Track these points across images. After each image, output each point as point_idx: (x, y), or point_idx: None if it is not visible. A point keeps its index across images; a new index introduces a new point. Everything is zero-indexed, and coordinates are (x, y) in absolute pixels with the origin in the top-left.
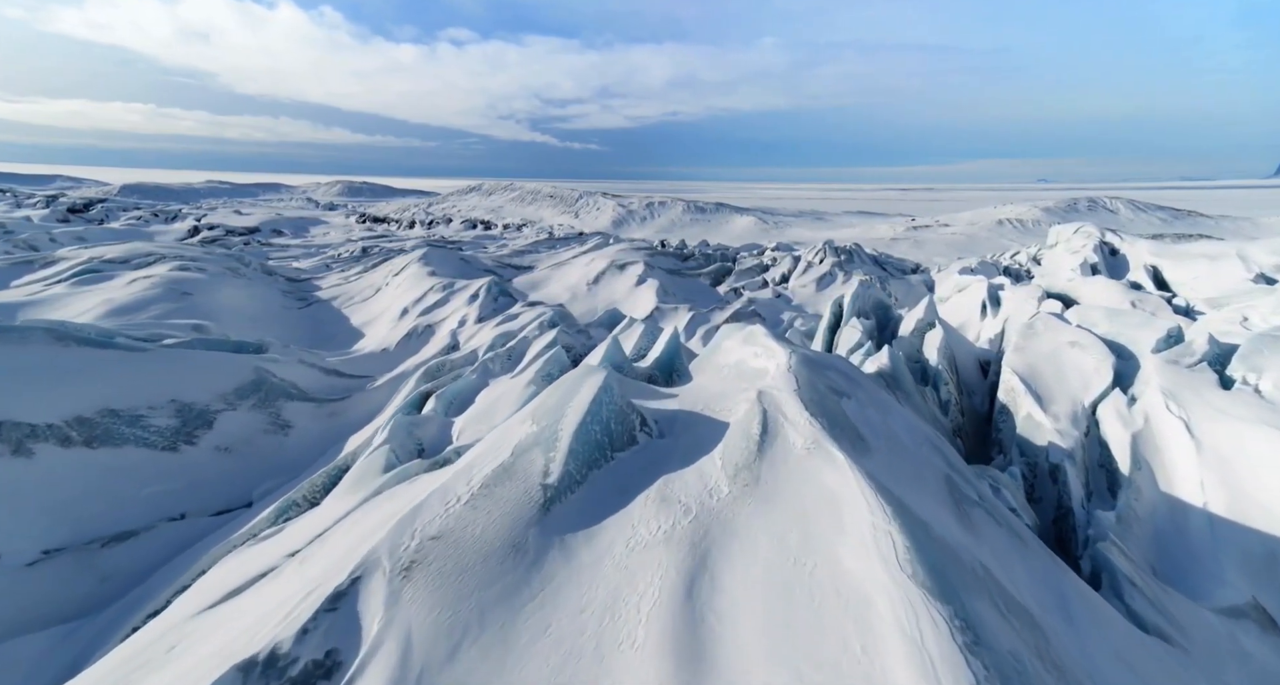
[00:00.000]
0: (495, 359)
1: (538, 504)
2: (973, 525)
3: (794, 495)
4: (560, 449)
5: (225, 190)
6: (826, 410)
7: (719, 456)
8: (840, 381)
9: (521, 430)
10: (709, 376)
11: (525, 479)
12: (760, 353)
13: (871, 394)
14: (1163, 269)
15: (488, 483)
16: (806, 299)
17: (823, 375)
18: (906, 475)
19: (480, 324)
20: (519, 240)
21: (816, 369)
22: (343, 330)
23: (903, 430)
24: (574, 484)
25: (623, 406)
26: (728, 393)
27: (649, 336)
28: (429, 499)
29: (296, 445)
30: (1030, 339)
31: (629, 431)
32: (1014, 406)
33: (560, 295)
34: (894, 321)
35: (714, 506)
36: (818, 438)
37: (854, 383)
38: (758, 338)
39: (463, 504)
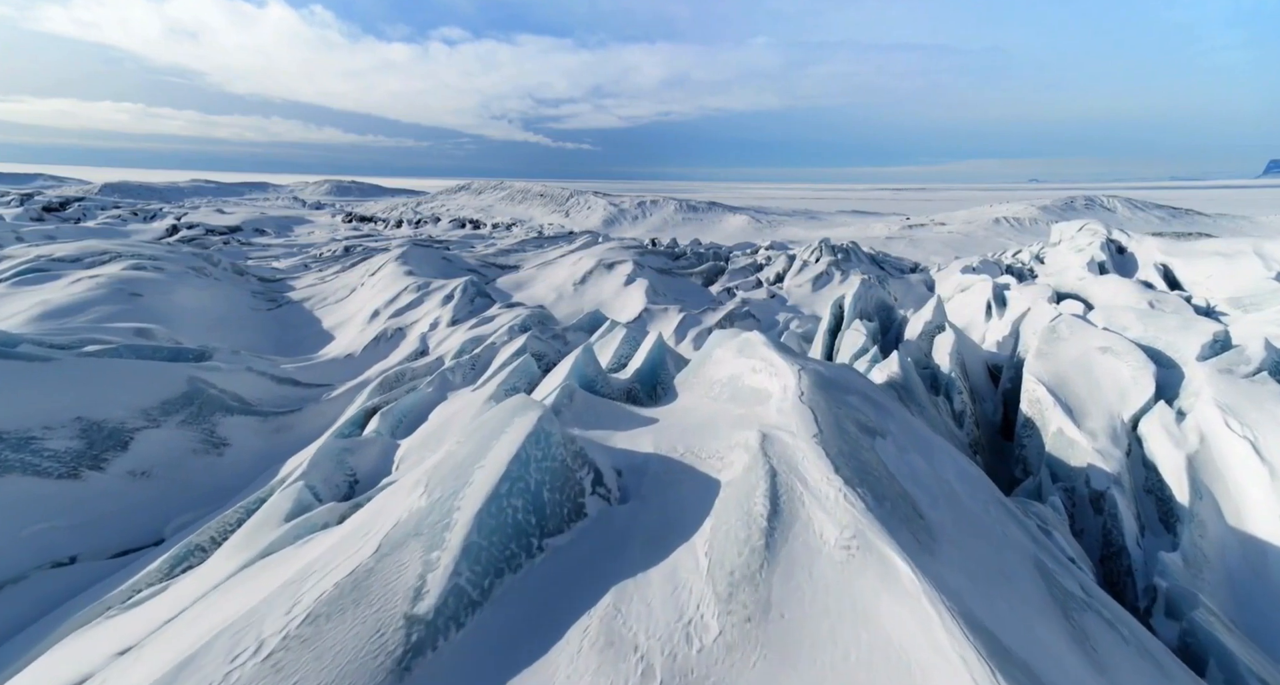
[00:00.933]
0: (457, 368)
1: (390, 662)
2: (1094, 652)
3: (829, 643)
4: (452, 544)
5: (210, 189)
6: (862, 467)
7: (704, 553)
8: (867, 411)
9: (403, 506)
10: (697, 394)
11: (383, 605)
12: (760, 368)
13: (906, 426)
14: (1174, 267)
15: (319, 613)
16: (802, 299)
17: (844, 404)
18: (988, 571)
19: (453, 327)
20: (507, 239)
21: (835, 394)
22: (312, 333)
23: (956, 480)
24: (464, 611)
25: (566, 459)
26: (718, 423)
27: (630, 343)
28: (211, 647)
29: (232, 467)
30: (1054, 344)
31: (573, 499)
32: (1041, 420)
33: (545, 296)
34: (897, 324)
35: (692, 664)
36: (861, 526)
37: (883, 411)
38: (755, 348)
39: (260, 662)
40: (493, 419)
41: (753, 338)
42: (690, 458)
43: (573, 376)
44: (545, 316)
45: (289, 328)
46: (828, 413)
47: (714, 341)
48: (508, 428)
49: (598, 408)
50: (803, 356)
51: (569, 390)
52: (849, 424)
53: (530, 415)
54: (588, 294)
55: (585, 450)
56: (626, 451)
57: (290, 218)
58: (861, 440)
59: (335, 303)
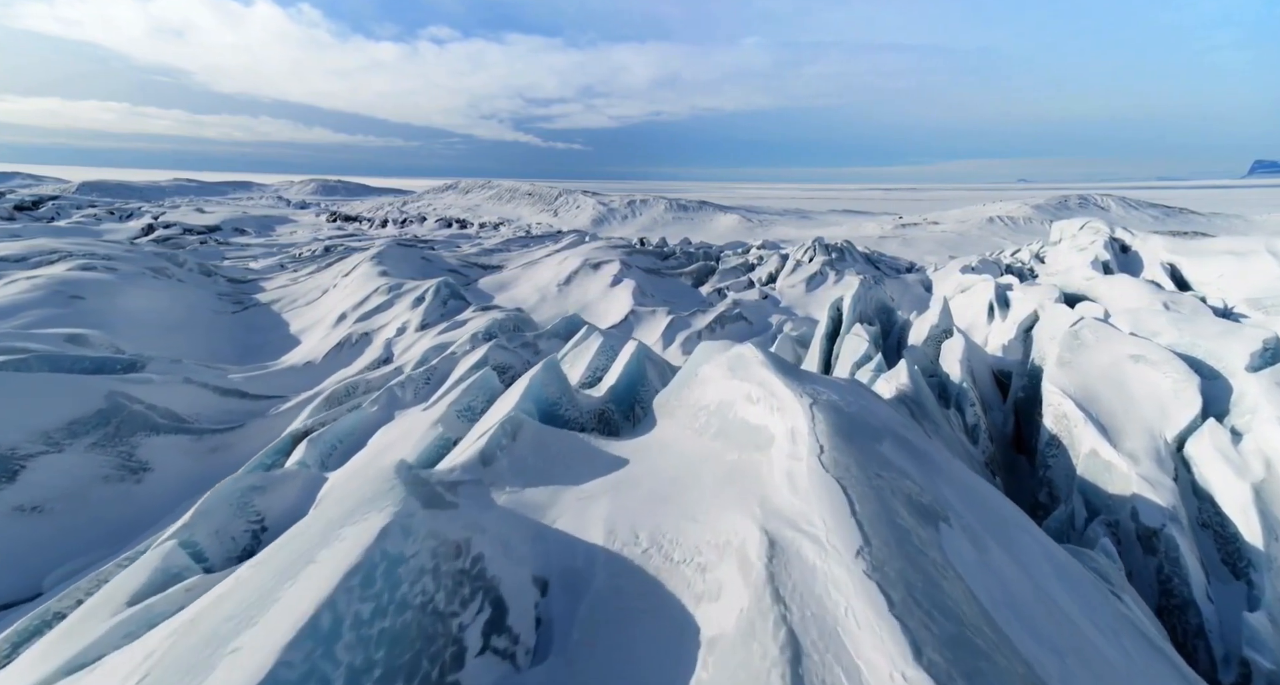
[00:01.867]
0: (408, 383)
1: None
2: None
3: None
4: None
5: (193, 188)
6: (942, 608)
7: None
8: (912, 471)
9: None
10: (679, 424)
11: None
12: (758, 396)
13: (962, 487)
14: (1181, 267)
15: None
16: (796, 300)
17: (881, 464)
18: None
19: (422, 332)
20: (492, 239)
21: (864, 445)
22: (276, 338)
23: (1064, 592)
24: None
25: (434, 598)
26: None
27: (607, 353)
28: None
29: (150, 496)
30: (1079, 352)
31: (439, 673)
32: (1070, 439)
33: (528, 297)
34: (898, 327)
35: None
36: None
37: (929, 465)
38: (750, 368)
39: None
40: (313, 528)
41: (746, 353)
42: (656, 561)
43: (527, 402)
44: (522, 320)
45: (254, 331)
46: (865, 487)
47: (700, 355)
48: (324, 550)
49: (551, 446)
50: (807, 376)
51: (512, 426)
52: (897, 505)
53: (368, 526)
54: (572, 295)
55: (485, 564)
56: (565, 540)
57: (272, 217)
58: (923, 542)
59: (306, 305)
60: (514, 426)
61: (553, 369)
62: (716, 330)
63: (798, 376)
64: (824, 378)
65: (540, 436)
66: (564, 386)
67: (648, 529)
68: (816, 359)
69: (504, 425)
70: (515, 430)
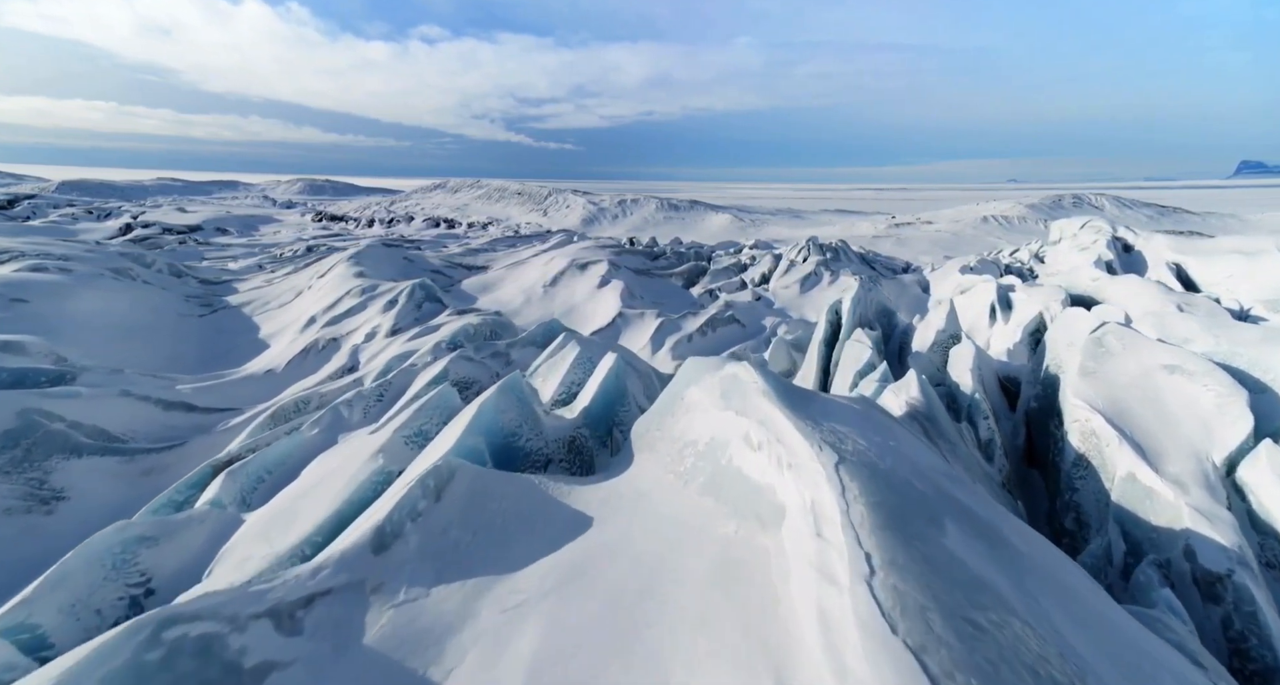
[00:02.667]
0: (357, 400)
1: None
2: None
3: None
4: None
5: (177, 188)
6: None
7: None
8: (1008, 592)
9: None
10: (659, 464)
11: None
12: (761, 441)
13: (1063, 593)
14: (1188, 266)
15: None
16: (790, 301)
17: (965, 582)
18: None
19: (393, 337)
20: (480, 239)
21: (930, 545)
22: (244, 343)
23: None
24: None
25: None
26: (683, 562)
27: (584, 366)
28: None
29: (61, 530)
30: (1104, 360)
31: None
32: (1101, 460)
33: (513, 299)
34: (899, 331)
35: None
36: None
37: (1013, 560)
38: (749, 399)
39: None
40: None
41: (742, 376)
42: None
43: (473, 435)
44: (500, 325)
45: (222, 335)
46: (966, 668)
47: (687, 374)
48: None
49: (492, 503)
50: (817, 404)
51: (438, 479)
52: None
53: None
54: (558, 297)
55: None
56: None
57: (256, 217)
58: None
59: (279, 307)
60: (441, 480)
61: (512, 390)
62: (708, 333)
63: (807, 410)
64: (836, 404)
65: (480, 488)
66: (526, 411)
67: (619, 585)
68: (814, 366)
69: (424, 481)
70: (443, 485)
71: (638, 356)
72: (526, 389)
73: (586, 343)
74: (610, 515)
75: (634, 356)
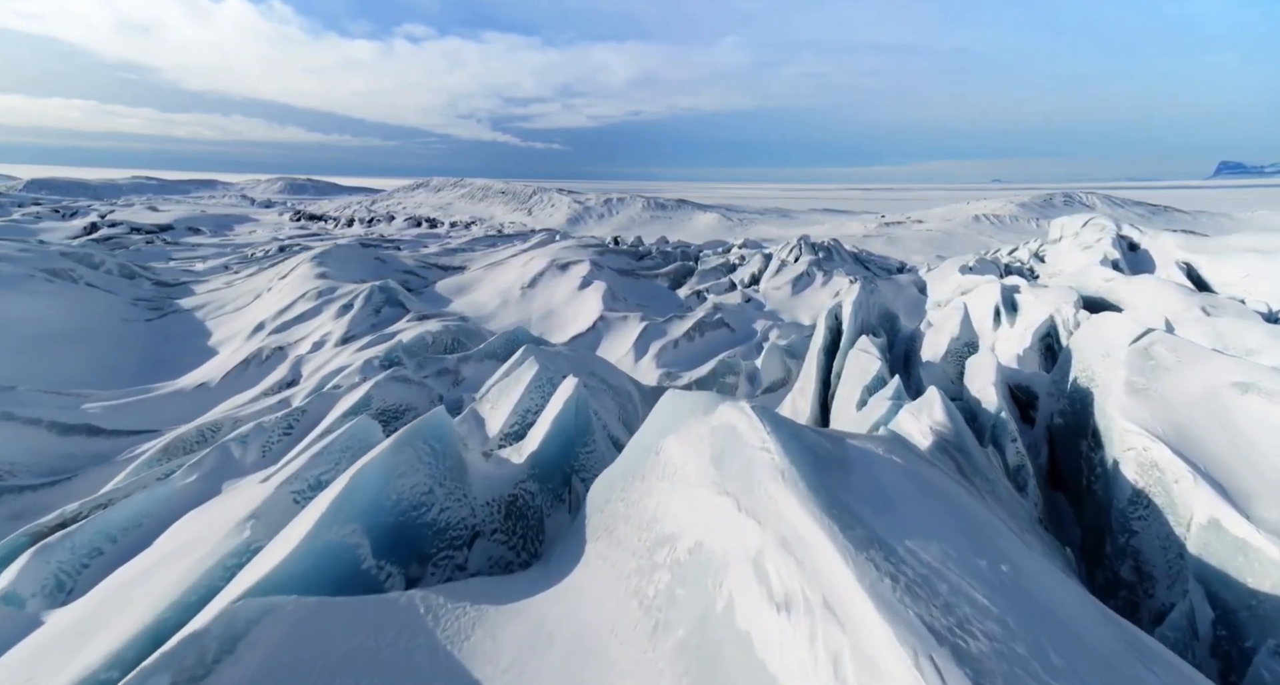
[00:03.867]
0: (255, 436)
1: None
2: None
3: None
4: None
5: (152, 186)
6: None
7: None
8: None
9: None
10: (613, 571)
11: None
12: (779, 573)
13: None
14: (1198, 266)
15: None
16: (781, 303)
17: None
18: None
19: (344, 346)
20: (461, 238)
21: None
22: (191, 350)
23: None
24: None
25: None
26: None
27: (542, 388)
28: None
29: None
30: (1157, 376)
31: None
32: (1169, 500)
33: (488, 302)
34: (902, 338)
35: None
36: None
37: None
38: (758, 483)
39: None
40: None
41: (745, 433)
42: None
43: (338, 525)
44: (465, 332)
45: (168, 342)
46: None
47: (664, 416)
48: None
49: (319, 662)
50: (877, 499)
51: (219, 644)
52: None
53: None
54: (537, 299)
55: None
56: None
57: (232, 216)
58: None
59: (235, 311)
60: (228, 637)
61: (422, 439)
62: (695, 338)
63: (858, 506)
64: (888, 477)
65: (309, 637)
66: (443, 467)
67: None
68: (814, 377)
69: (196, 643)
70: (231, 645)
71: (614, 370)
72: (448, 433)
73: (551, 357)
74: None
75: (610, 370)
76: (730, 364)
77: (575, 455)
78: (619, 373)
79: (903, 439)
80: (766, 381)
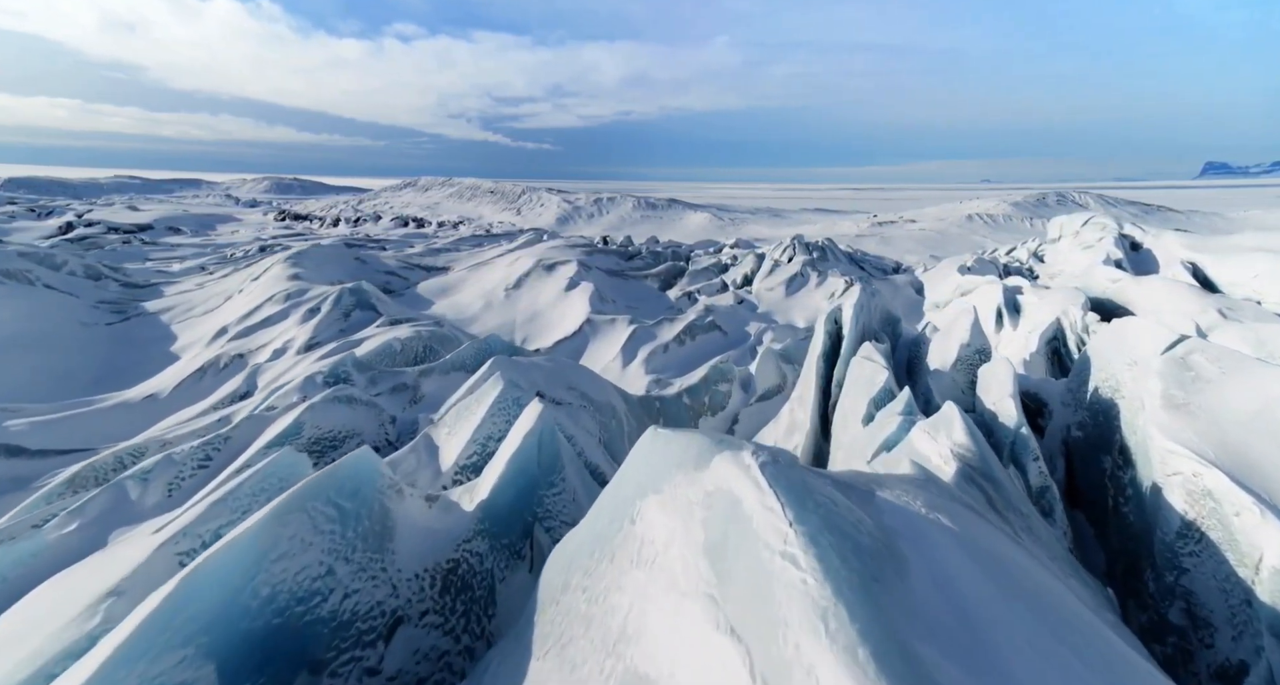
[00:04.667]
0: (160, 471)
1: None
2: None
3: None
4: None
5: (135, 186)
6: None
7: None
8: None
9: None
10: None
11: None
12: None
13: None
14: (1204, 266)
15: None
16: (775, 305)
17: None
18: None
19: (307, 354)
20: (448, 238)
21: None
22: (153, 356)
23: None
24: None
25: None
26: None
27: (506, 410)
28: None
29: None
30: (1199, 389)
31: None
32: (1228, 535)
33: (471, 304)
34: (904, 343)
35: None
36: None
37: None
38: (776, 602)
39: None
40: None
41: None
42: None
43: (169, 654)
44: (439, 338)
45: (129, 347)
46: None
47: (641, 469)
48: None
49: None
50: (957, 665)
51: None
52: None
53: None
54: (521, 301)
55: None
56: None
57: (215, 215)
58: None
59: (204, 314)
60: None
61: (316, 502)
62: (686, 342)
63: (881, 617)
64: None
65: None
66: (344, 538)
67: None
68: (813, 386)
69: None
70: None
71: (597, 381)
72: (369, 485)
73: (523, 371)
74: None
75: (592, 381)
76: (723, 370)
77: (538, 500)
78: (603, 384)
79: (936, 480)
80: (761, 388)
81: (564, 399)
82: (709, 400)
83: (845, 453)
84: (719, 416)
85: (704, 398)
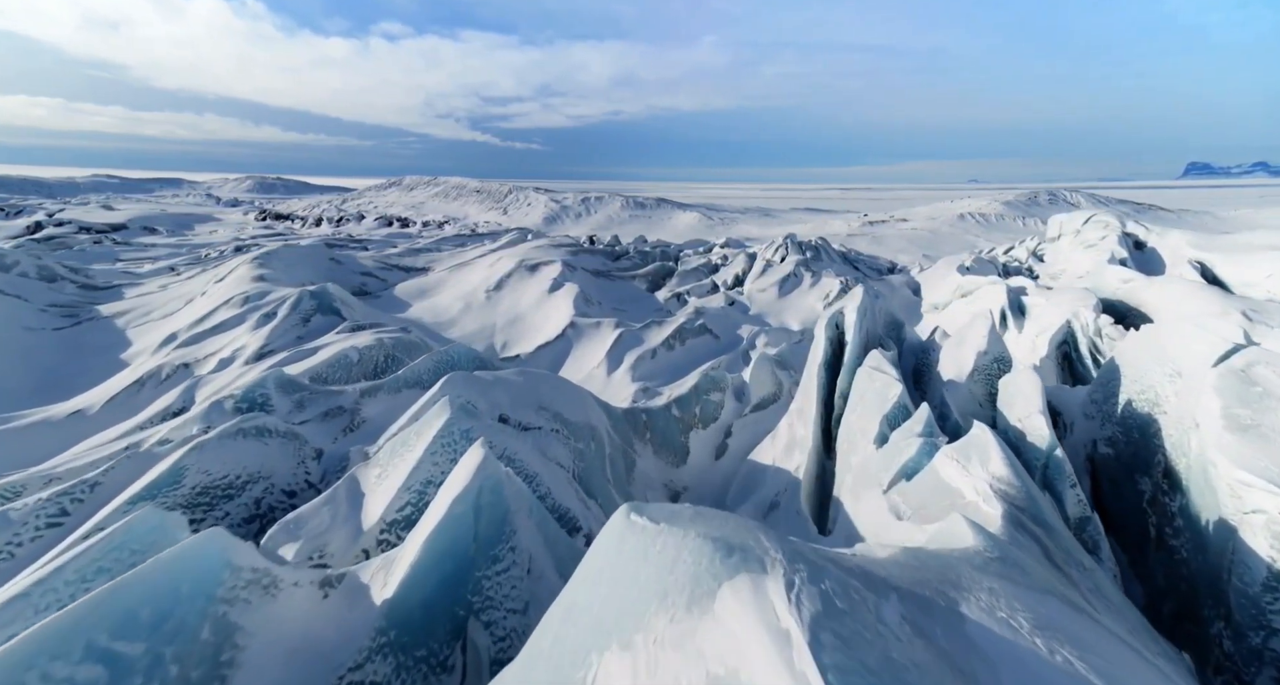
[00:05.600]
0: (45, 506)
1: None
2: None
3: None
4: None
5: (113, 185)
6: None
7: None
8: None
9: None
10: None
11: None
12: None
13: None
14: (1213, 265)
15: None
16: (767, 306)
17: None
18: None
19: (257, 363)
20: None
21: None
22: (101, 364)
23: None
24: None
25: None
26: None
27: (451, 446)
28: None
29: None
30: (1269, 408)
31: None
32: None
33: (450, 307)
34: (911, 349)
35: None
36: None
37: None
38: None
39: None
40: None
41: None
42: None
43: None
44: (405, 345)
45: (78, 354)
46: None
47: (605, 596)
48: None
49: None
50: None
51: None
52: None
53: None
54: (503, 303)
55: None
56: None
57: (194, 215)
58: None
59: (162, 318)
60: None
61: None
62: (675, 347)
63: None
64: None
65: None
66: (174, 655)
67: None
68: (814, 398)
69: None
70: None
71: (575, 398)
72: (189, 602)
73: (483, 389)
74: None
75: (569, 399)
76: (714, 378)
77: (474, 586)
78: (582, 399)
79: (1014, 555)
80: (755, 397)
81: (532, 423)
82: (700, 411)
83: (855, 477)
84: (710, 428)
85: (694, 409)
